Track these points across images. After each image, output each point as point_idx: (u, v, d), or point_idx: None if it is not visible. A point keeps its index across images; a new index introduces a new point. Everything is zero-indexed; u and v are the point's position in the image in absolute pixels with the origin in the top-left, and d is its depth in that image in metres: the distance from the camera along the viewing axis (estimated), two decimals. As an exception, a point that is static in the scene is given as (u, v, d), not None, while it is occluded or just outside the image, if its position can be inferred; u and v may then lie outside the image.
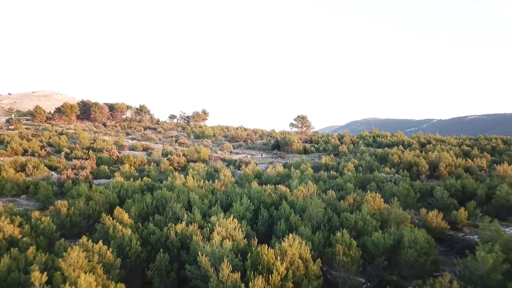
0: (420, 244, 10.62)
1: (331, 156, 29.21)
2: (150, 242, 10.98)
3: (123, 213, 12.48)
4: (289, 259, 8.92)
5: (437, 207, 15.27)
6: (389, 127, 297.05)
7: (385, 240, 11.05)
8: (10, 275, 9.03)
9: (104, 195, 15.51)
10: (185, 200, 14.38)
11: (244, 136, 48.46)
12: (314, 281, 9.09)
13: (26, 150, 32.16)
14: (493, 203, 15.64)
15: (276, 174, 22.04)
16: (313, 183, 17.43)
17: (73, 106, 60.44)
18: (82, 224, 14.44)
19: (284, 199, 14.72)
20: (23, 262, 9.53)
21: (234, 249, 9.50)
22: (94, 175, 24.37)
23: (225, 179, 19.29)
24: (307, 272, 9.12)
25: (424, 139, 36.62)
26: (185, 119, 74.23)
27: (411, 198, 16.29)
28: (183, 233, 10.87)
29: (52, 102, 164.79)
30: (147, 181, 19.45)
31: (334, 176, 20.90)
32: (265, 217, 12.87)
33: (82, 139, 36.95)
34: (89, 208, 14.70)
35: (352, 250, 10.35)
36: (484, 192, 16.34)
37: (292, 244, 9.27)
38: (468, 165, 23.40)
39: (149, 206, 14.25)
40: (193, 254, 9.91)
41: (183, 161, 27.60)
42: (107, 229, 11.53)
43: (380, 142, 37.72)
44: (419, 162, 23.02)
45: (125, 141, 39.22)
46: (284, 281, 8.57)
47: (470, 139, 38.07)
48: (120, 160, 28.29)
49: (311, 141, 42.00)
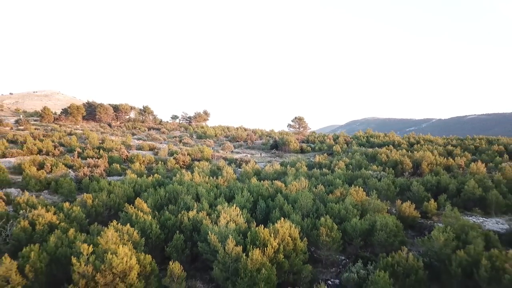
0: (390, 227, 12.90)
1: (324, 155, 31.48)
2: (167, 226, 13.25)
3: (143, 203, 14.75)
4: (280, 237, 11.19)
5: (413, 200, 17.54)
6: (388, 127, 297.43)
7: (362, 224, 13.33)
8: (58, 250, 11.33)
9: (122, 189, 17.77)
10: (194, 193, 16.65)
11: (244, 136, 50.69)
12: (300, 255, 11.36)
13: (40, 150, 34.38)
14: (462, 196, 17.92)
15: (274, 171, 24.30)
16: (305, 179, 19.71)
17: (80, 107, 62.65)
18: (104, 214, 16.70)
19: (279, 192, 17.00)
20: (66, 240, 11.81)
21: (237, 230, 11.78)
22: (107, 172, 26.62)
23: (228, 176, 21.55)
24: (295, 247, 11.40)
25: (414, 139, 38.88)
26: (187, 119, 76.44)
27: (391, 192, 18.55)
28: (194, 218, 13.14)
29: (54, 102, 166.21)
30: (157, 178, 21.69)
31: (325, 173, 23.16)
32: (263, 207, 15.14)
33: (92, 139, 39.18)
34: (110, 200, 16.96)
35: (334, 232, 12.62)
36: (455, 186, 18.60)
37: (283, 225, 11.54)
38: (449, 164, 25.66)
39: (163, 198, 16.52)
40: (203, 235, 12.18)
41: (188, 160, 29.85)
42: (130, 216, 13.80)
43: (372, 142, 39.96)
44: (403, 161, 25.28)
45: (132, 141, 41.45)
46: (276, 254, 10.85)
47: (458, 139, 40.27)
48: (130, 159, 30.54)
49: (308, 141, 44.23)
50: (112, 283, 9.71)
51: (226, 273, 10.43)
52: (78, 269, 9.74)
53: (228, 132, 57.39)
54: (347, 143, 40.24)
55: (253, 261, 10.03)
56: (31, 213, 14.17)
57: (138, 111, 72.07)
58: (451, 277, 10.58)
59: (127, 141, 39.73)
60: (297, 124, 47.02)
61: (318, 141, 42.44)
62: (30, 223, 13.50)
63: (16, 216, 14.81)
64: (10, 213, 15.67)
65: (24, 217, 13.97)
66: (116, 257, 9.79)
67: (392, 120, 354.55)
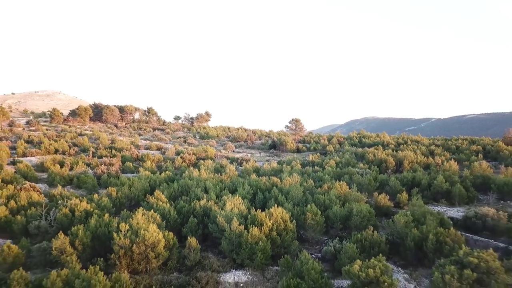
0: (364, 213, 15.87)
1: (317, 155, 34.42)
2: (182, 212, 16.21)
3: (161, 194, 17.72)
4: (274, 219, 14.16)
5: (390, 193, 20.49)
6: (388, 126, 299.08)
7: (341, 211, 16.31)
8: (98, 230, 14.30)
9: (140, 184, 20.73)
10: (202, 186, 19.61)
11: (244, 136, 53.60)
12: (290, 234, 14.32)
13: (57, 150, 37.36)
14: (432, 190, 20.89)
15: (271, 169, 27.24)
16: (298, 176, 22.67)
17: (87, 109, 65.58)
18: (126, 204, 19.66)
19: (275, 186, 19.97)
20: (103, 222, 14.78)
21: (240, 214, 14.76)
22: (121, 170, 29.56)
23: (230, 173, 24.51)
24: (286, 227, 14.36)
25: (402, 140, 41.83)
26: (189, 120, 79.37)
27: (371, 186, 21.50)
28: (204, 206, 16.11)
29: (55, 102, 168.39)
30: (168, 174, 24.64)
31: (317, 170, 26.12)
32: (261, 198, 18.11)
33: (103, 140, 42.14)
34: (131, 193, 19.93)
35: (318, 217, 15.58)
36: (427, 181, 21.56)
37: (277, 210, 14.51)
38: (428, 162, 28.60)
39: (176, 191, 19.48)
40: (212, 218, 15.14)
41: (193, 159, 32.78)
42: (151, 205, 16.78)
43: (364, 142, 42.90)
44: (387, 159, 28.23)
45: (140, 141, 44.39)
46: (271, 231, 13.82)
47: (444, 139, 43.21)
48: (140, 158, 33.49)
49: (304, 141, 47.15)
50: (144, 252, 12.69)
51: (231, 246, 13.41)
52: (118, 242, 12.73)
53: (229, 133, 60.27)
54: (340, 143, 43.18)
55: (252, 236, 13.00)
56: (69, 202, 17.14)
57: (142, 112, 74.98)
58: (406, 249, 13.56)
59: (135, 141, 42.67)
60: (294, 125, 50.03)
61: (314, 141, 45.38)
62: (70, 210, 16.47)
63: (54, 205, 17.75)
64: (47, 203, 18.60)
65: (64, 206, 16.92)
66: (148, 232, 12.77)
67: (392, 120, 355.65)
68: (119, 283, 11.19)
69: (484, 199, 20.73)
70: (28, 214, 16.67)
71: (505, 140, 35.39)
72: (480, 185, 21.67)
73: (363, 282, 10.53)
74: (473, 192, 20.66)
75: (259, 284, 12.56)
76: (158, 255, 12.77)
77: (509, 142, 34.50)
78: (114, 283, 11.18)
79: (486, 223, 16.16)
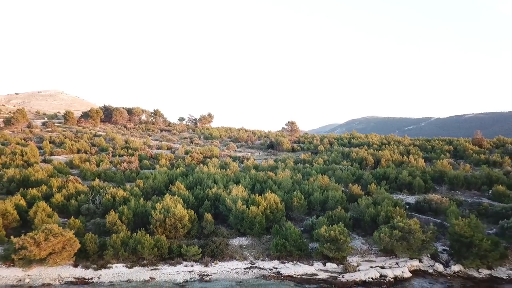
0: (337, 198, 20.75)
1: (309, 154, 39.28)
2: (198, 197, 21.09)
3: (180, 184, 22.62)
4: (268, 201, 19.05)
5: (364, 184, 25.33)
6: (388, 126, 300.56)
7: (320, 197, 21.19)
8: (137, 209, 19.19)
9: (161, 177, 25.61)
10: (212, 179, 24.51)
11: (245, 137, 58.41)
12: (280, 212, 19.20)
13: (79, 149, 42.16)
14: (397, 182, 25.76)
15: (268, 166, 32.09)
16: (290, 171, 27.57)
17: (98, 111, 70.38)
18: (151, 193, 24.49)
19: (270, 179, 24.84)
20: (139, 204, 19.66)
21: (243, 198, 19.64)
22: (139, 167, 34.38)
23: (234, 169, 29.40)
24: (277, 207, 19.25)
25: (386, 140, 46.64)
26: (192, 121, 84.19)
27: (349, 179, 26.37)
28: (215, 193, 21.02)
29: (58, 102, 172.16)
30: (182, 170, 29.49)
31: (306, 167, 30.99)
32: (258, 187, 22.99)
33: (118, 141, 47.01)
34: (155, 184, 24.79)
35: (301, 201, 20.45)
36: (394, 175, 26.43)
37: (270, 195, 19.41)
38: (403, 160, 33.43)
39: (191, 182, 24.36)
40: (222, 202, 20.02)
41: (201, 158, 37.61)
42: (174, 192, 21.65)
43: (353, 142, 47.70)
44: (367, 158, 33.10)
45: (151, 142, 49.22)
46: (265, 210, 18.71)
47: (426, 140, 47.93)
48: (154, 157, 38.34)
49: (299, 142, 51.94)
50: (174, 224, 17.58)
51: (236, 220, 18.32)
52: (155, 217, 17.64)
53: (231, 134, 65.05)
54: (330, 143, 47.98)
55: (252, 212, 17.91)
56: (109, 190, 22.04)
57: (149, 113, 79.79)
58: (365, 223, 18.47)
59: (147, 142, 47.54)
60: (290, 127, 54.88)
61: (307, 142, 50.19)
62: (112, 196, 21.36)
63: (97, 193, 22.57)
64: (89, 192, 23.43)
65: (106, 193, 21.79)
66: (176, 209, 17.68)
67: (391, 119, 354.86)
68: (159, 242, 16.17)
69: (439, 189, 25.62)
70: (79, 199, 21.52)
71: (474, 141, 40.24)
72: (438, 178, 26.55)
73: (327, 239, 15.47)
74: (430, 183, 25.56)
75: (257, 246, 17.50)
76: (184, 226, 17.68)
77: (477, 143, 39.36)
78: (156, 242, 16.14)
79: (431, 206, 21.06)
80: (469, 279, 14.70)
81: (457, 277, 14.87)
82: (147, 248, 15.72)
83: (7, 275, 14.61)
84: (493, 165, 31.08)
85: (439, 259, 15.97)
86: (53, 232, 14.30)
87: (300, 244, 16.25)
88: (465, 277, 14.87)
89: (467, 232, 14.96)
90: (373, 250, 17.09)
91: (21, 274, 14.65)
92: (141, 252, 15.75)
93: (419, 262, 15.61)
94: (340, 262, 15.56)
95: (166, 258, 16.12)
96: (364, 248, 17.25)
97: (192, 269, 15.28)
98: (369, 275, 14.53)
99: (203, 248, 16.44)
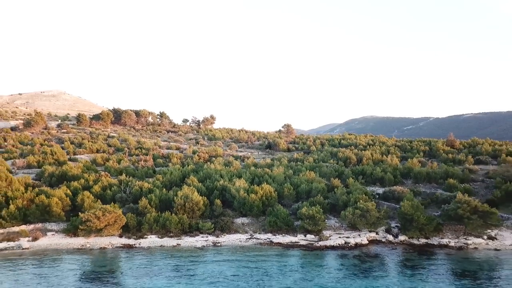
0: (319, 189, 26.12)
1: (301, 153, 44.63)
2: (208, 188, 26.47)
3: (194, 178, 28.00)
4: (264, 190, 24.44)
5: (344, 178, 30.68)
6: (387, 126, 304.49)
7: (306, 188, 26.56)
8: (161, 197, 24.58)
9: (177, 173, 30.96)
10: (219, 174, 29.88)
11: (245, 138, 63.74)
12: (274, 198, 24.57)
13: (98, 149, 47.48)
14: (372, 177, 31.12)
15: (265, 164, 37.43)
16: (283, 168, 32.93)
17: (109, 114, 75.71)
18: (168, 185, 29.82)
19: (267, 174, 30.20)
20: (163, 193, 25.04)
21: (244, 188, 25.02)
22: (154, 165, 39.69)
23: (236, 166, 34.77)
24: (271, 195, 24.63)
25: (372, 141, 52.00)
26: (196, 122, 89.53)
27: (332, 174, 31.73)
28: (222, 184, 26.40)
29: (61, 102, 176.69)
30: (192, 167, 34.82)
31: (298, 165, 36.37)
32: (257, 181, 28.36)
33: (131, 141, 52.36)
34: (172, 178, 30.12)
35: (291, 191, 25.82)
36: (370, 171, 31.79)
37: (265, 185, 24.79)
38: (382, 159, 38.76)
39: (201, 177, 29.72)
40: (227, 191, 25.40)
41: (207, 157, 42.92)
42: (189, 184, 27.01)
43: (342, 143, 53.05)
44: (351, 157, 38.46)
45: (161, 143, 54.55)
46: (262, 197, 24.10)
47: (408, 141, 53.24)
48: (166, 156, 43.67)
49: (294, 142, 57.25)
50: (191, 207, 22.95)
51: (239, 204, 23.71)
52: (177, 201, 23.02)
53: (232, 135, 70.36)
54: (322, 144, 53.31)
55: (251, 198, 23.29)
56: (136, 183, 27.38)
57: (155, 115, 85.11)
58: (339, 207, 23.84)
59: (158, 143, 52.90)
60: (286, 129, 60.29)
61: (302, 142, 55.54)
62: (139, 187, 26.70)
63: (126, 185, 27.89)
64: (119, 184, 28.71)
65: (134, 185, 27.12)
66: (193, 196, 23.06)
67: (390, 119, 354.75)
68: (182, 220, 21.56)
69: (406, 182, 30.98)
70: (112, 190, 26.85)
71: (447, 142, 45.57)
72: (406, 174, 31.91)
73: (307, 217, 20.85)
74: (399, 178, 30.93)
75: (255, 223, 22.88)
76: (199, 209, 23.05)
77: (450, 144, 44.70)
78: (179, 219, 21.53)
79: (394, 195, 26.41)
80: (410, 246, 20.09)
81: (402, 244, 20.26)
82: (173, 224, 21.11)
83: (73, 242, 20.00)
84: (458, 163, 36.45)
85: (391, 232, 21.36)
86: (108, 210, 19.69)
87: (288, 221, 21.64)
88: (408, 244, 20.25)
89: (410, 211, 20.34)
90: (343, 227, 22.48)
91: (83, 241, 20.04)
92: (168, 226, 21.14)
93: (376, 234, 21.00)
94: (317, 234, 20.93)
95: (187, 232, 21.51)
96: (337, 225, 22.65)
97: (207, 239, 20.66)
98: (337, 242, 19.92)
99: (215, 224, 21.83)
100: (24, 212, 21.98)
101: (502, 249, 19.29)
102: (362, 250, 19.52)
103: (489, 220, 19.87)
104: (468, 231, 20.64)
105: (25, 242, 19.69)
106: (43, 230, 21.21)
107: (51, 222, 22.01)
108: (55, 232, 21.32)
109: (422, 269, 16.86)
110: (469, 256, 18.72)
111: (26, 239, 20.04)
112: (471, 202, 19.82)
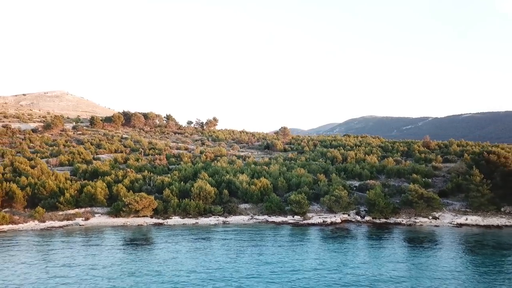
0: (307, 182, 32.44)
1: (295, 153, 50.95)
2: (217, 181, 32.79)
3: (205, 174, 34.34)
4: (262, 183, 30.78)
5: (328, 174, 36.95)
6: (386, 125, 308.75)
7: (296, 181, 32.88)
8: (180, 188, 30.94)
9: (190, 169, 37.28)
10: (225, 170, 36.23)
11: (246, 139, 70.04)
12: (270, 189, 30.88)
13: (116, 150, 53.73)
14: (352, 172, 37.42)
15: (263, 162, 43.73)
16: (279, 165, 39.27)
17: (120, 116, 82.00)
18: (183, 180, 36.09)
19: (265, 171, 36.51)
20: (181, 185, 31.37)
21: (246, 181, 31.34)
22: (168, 163, 45.95)
23: (239, 164, 41.10)
24: (268, 187, 30.97)
25: (359, 142, 58.30)
26: (199, 124, 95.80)
27: (318, 171, 38.03)
28: (228, 178, 32.73)
29: (65, 103, 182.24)
30: (201, 165, 41.11)
31: (291, 163, 42.70)
32: (256, 176, 34.67)
33: (144, 143, 58.63)
34: (186, 174, 36.42)
35: (284, 183, 32.15)
36: (351, 168, 38.08)
37: (263, 179, 31.13)
38: (364, 158, 45.04)
39: (210, 173, 36.04)
40: (233, 184, 31.72)
41: (213, 156, 49.17)
42: (202, 178, 33.31)
43: (333, 144, 59.33)
44: (337, 156, 44.76)
45: (171, 143, 60.81)
46: (260, 188, 30.41)
47: (392, 142, 59.55)
48: (177, 156, 49.92)
49: (290, 143, 63.52)
50: (205, 195, 29.30)
51: (242, 194, 30.07)
52: (194, 191, 29.38)
53: (234, 136, 76.65)
54: (315, 145, 59.62)
55: (252, 189, 29.63)
56: (158, 178, 33.64)
57: (162, 118, 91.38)
58: (321, 196, 30.13)
59: (168, 143, 59.19)
60: (283, 132, 66.74)
61: (297, 143, 61.86)
62: (161, 181, 32.97)
63: (149, 179, 34.14)
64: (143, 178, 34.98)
65: (156, 179, 33.39)
66: (206, 187, 29.40)
67: (389, 119, 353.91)
68: (198, 205, 27.90)
69: (380, 177, 37.27)
70: (139, 183, 33.11)
71: (424, 143, 51.86)
72: (381, 170, 38.21)
73: (294, 202, 27.16)
74: (374, 173, 37.22)
75: (255, 208, 29.19)
76: (211, 197, 29.35)
77: (426, 145, 50.99)
78: (196, 204, 27.86)
79: (367, 187, 32.66)
80: (373, 224, 26.40)
81: (367, 223, 26.57)
82: (192, 208, 27.41)
83: (116, 221, 26.31)
84: (429, 162, 42.72)
85: (360, 214, 27.67)
86: (143, 196, 25.99)
87: (280, 206, 27.96)
88: (372, 223, 26.56)
89: (373, 198, 26.64)
90: (323, 210, 28.80)
91: (123, 220, 26.35)
92: (188, 210, 27.44)
93: (348, 216, 27.32)
94: (302, 215, 27.22)
95: (202, 214, 27.80)
96: (318, 209, 28.98)
97: (218, 219, 26.98)
98: (317, 221, 26.23)
99: (224, 208, 28.16)
100: (76, 199, 28.30)
101: (440, 225, 25.61)
102: (336, 226, 25.82)
103: (432, 204, 26.18)
104: (418, 213, 26.96)
105: (80, 221, 26.00)
106: (91, 213, 27.50)
107: (96, 207, 28.32)
108: (100, 214, 27.63)
109: (379, 238, 23.20)
110: (416, 230, 25.04)
111: (80, 219, 26.33)
112: (418, 190, 26.15)
